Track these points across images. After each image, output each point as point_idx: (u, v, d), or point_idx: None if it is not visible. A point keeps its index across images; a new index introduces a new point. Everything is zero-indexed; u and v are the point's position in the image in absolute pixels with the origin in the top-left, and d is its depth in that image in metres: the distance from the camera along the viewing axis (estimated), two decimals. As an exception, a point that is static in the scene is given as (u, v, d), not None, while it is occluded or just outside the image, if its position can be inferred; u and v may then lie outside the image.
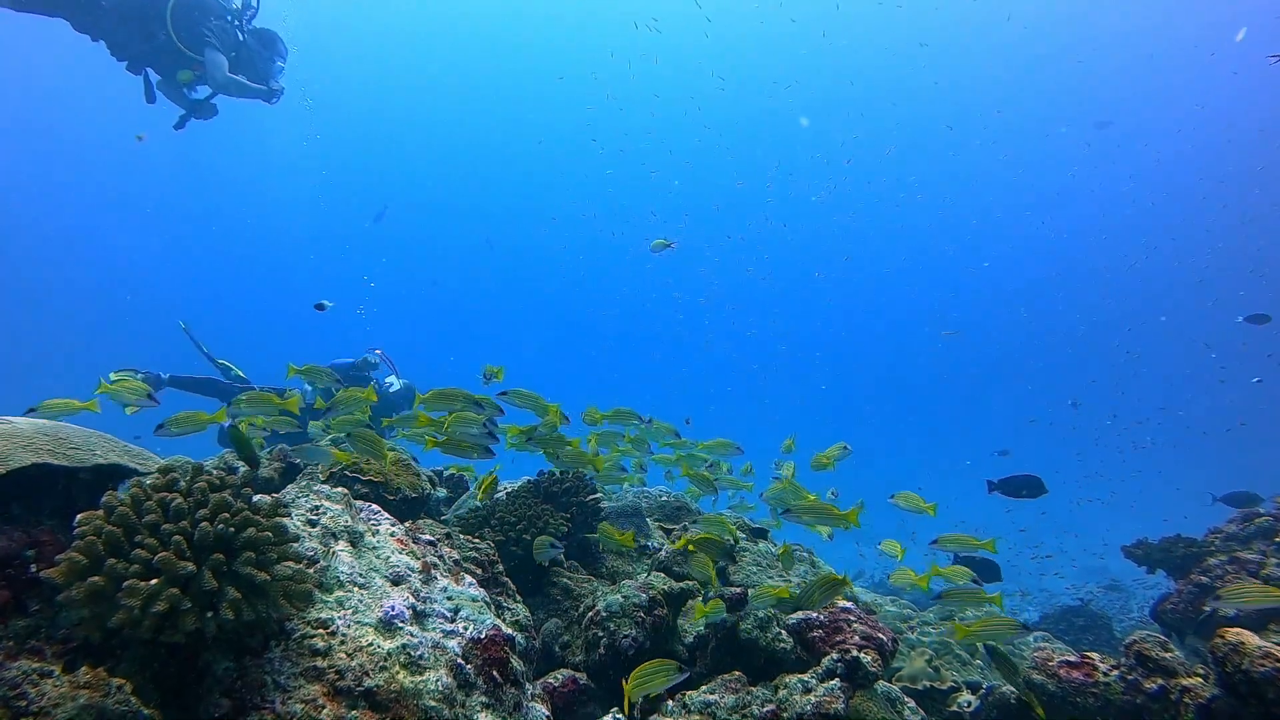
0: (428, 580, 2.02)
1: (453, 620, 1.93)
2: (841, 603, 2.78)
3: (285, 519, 1.76)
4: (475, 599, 2.06)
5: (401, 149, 38.92)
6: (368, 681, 1.61)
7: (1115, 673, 2.51)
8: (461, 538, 2.90)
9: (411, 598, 1.88)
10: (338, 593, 1.79)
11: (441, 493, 4.22)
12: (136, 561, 1.47)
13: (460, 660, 1.80)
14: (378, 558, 2.00)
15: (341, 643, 1.66)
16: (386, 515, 2.31)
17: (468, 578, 2.20)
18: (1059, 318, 34.46)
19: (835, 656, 2.39)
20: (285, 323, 40.92)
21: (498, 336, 47.36)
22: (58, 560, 1.47)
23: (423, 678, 1.68)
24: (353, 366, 6.42)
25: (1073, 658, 2.65)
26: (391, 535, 2.15)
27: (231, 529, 1.57)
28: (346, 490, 2.30)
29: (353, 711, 1.56)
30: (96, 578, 1.44)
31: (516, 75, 36.56)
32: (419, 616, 1.85)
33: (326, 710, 1.53)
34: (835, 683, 2.30)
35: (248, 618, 1.50)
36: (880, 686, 2.53)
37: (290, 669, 1.57)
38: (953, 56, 29.43)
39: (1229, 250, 27.26)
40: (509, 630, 2.03)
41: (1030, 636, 4.52)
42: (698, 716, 2.37)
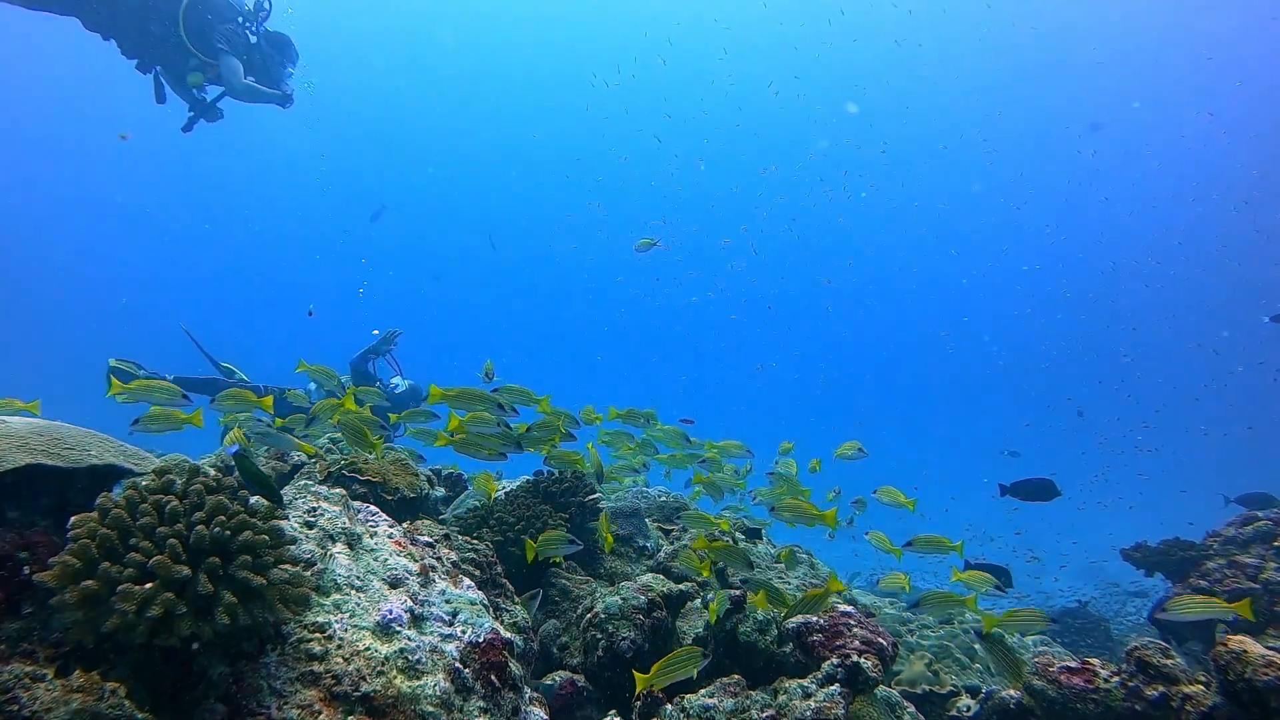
0: (426, 583, 2.00)
1: (451, 624, 1.91)
2: (842, 606, 2.77)
3: (282, 521, 1.74)
4: (473, 602, 2.04)
5: (402, 148, 38.86)
6: (365, 686, 1.59)
7: (1116, 679, 2.49)
8: (460, 539, 2.88)
9: (409, 601, 1.86)
10: (335, 596, 1.78)
11: (439, 492, 4.20)
12: (131, 565, 1.45)
13: (458, 665, 1.79)
14: (375, 560, 1.98)
15: (338, 647, 1.64)
16: (384, 517, 2.29)
17: (466, 580, 2.18)
18: (1062, 319, 34.47)
19: (835, 662, 2.37)
20: (287, 323, 40.83)
21: (502, 335, 47.30)
22: (51, 563, 1.45)
23: (420, 682, 1.67)
24: (364, 354, 6.34)
25: (1073, 663, 2.63)
26: (389, 537, 2.13)
27: (227, 532, 1.56)
28: (344, 491, 2.28)
29: (349, 717, 1.54)
30: (90, 581, 1.42)
31: (517, 74, 36.50)
32: (417, 620, 1.84)
33: (323, 716, 1.51)
34: (835, 688, 2.29)
35: (244, 622, 1.48)
36: (880, 691, 2.52)
37: (286, 674, 1.55)
38: (958, 59, 29.43)
39: (1237, 251, 27.26)
40: (507, 634, 2.01)
41: (1029, 640, 4.51)
42: (697, 721, 2.35)
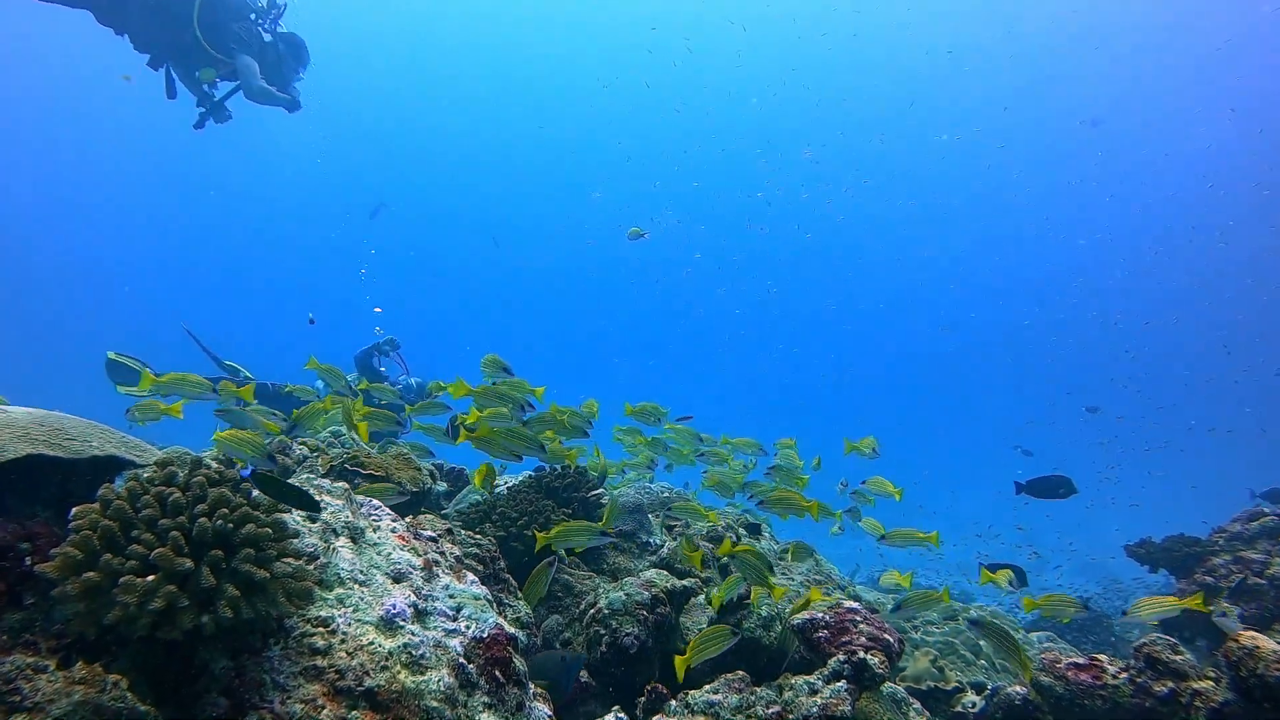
0: (429, 578, 1.99)
1: (455, 619, 1.90)
2: (847, 603, 2.75)
3: (285, 514, 1.72)
4: (478, 597, 2.03)
5: (406, 146, 38.83)
6: (368, 681, 1.57)
7: (1124, 675, 2.48)
8: (463, 533, 2.86)
9: (413, 595, 1.84)
10: (338, 590, 1.76)
11: (442, 486, 4.19)
12: (133, 557, 1.44)
13: (462, 660, 1.77)
14: (379, 554, 1.97)
15: (342, 641, 1.62)
16: (387, 510, 2.27)
17: (470, 575, 2.16)
18: (1070, 317, 34.35)
19: (842, 658, 2.36)
20: (289, 321, 40.74)
21: (506, 334, 47.21)
22: (53, 554, 1.44)
23: (424, 677, 1.65)
24: (370, 350, 6.38)
25: (1080, 659, 2.62)
26: (393, 531, 2.11)
27: (230, 525, 1.54)
28: (347, 485, 2.26)
29: (353, 712, 1.52)
30: (92, 573, 1.40)
31: (523, 71, 36.41)
32: (421, 615, 1.82)
33: (326, 710, 1.50)
34: (842, 684, 2.27)
35: (246, 615, 1.46)
36: (886, 688, 2.50)
37: (289, 668, 1.54)
38: (967, 53, 29.30)
39: (1248, 250, 27.15)
40: (512, 629, 1.99)
41: (1034, 636, 4.50)
42: (702, 716, 2.34)
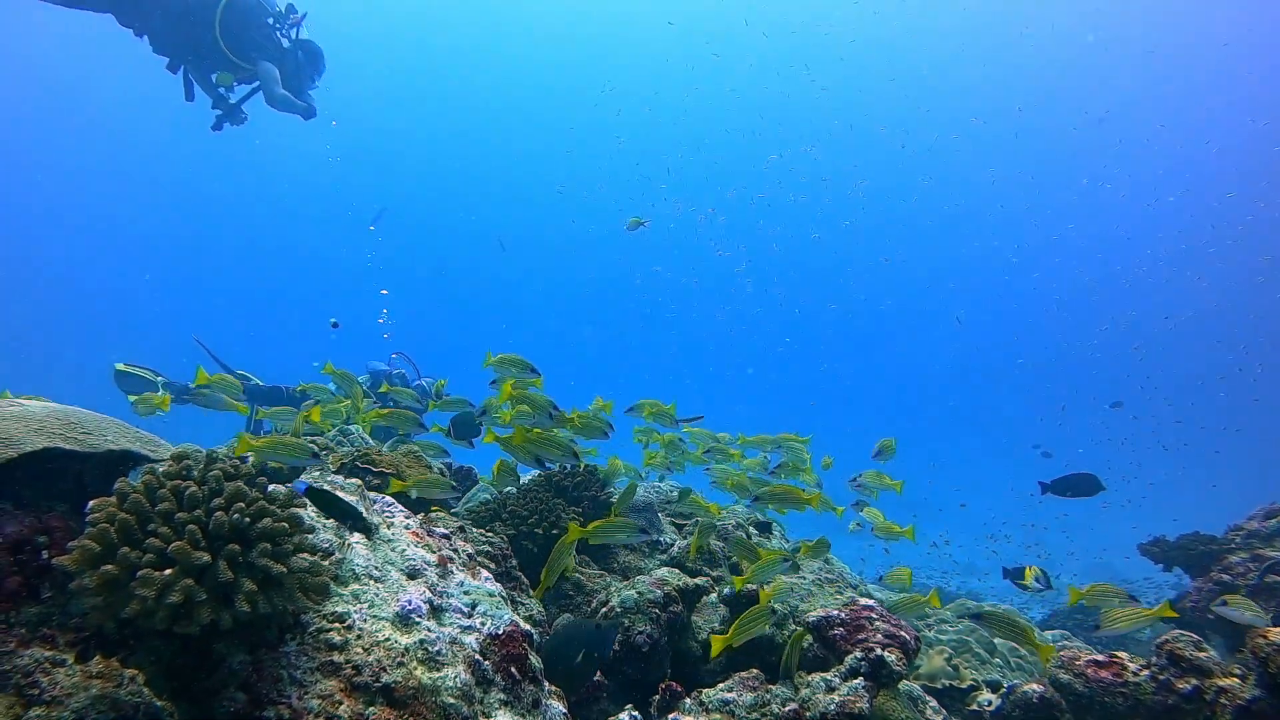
0: (444, 574, 1.98)
1: (470, 615, 1.88)
2: (863, 600, 2.73)
3: (300, 509, 1.71)
4: (492, 594, 2.02)
5: (411, 152, 38.88)
6: (385, 677, 1.56)
7: (1145, 672, 2.45)
8: (474, 531, 2.85)
9: (428, 592, 1.83)
10: (353, 586, 1.75)
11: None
12: (150, 550, 1.43)
13: (478, 656, 1.76)
14: (393, 551, 1.96)
15: (358, 637, 1.61)
16: (400, 507, 2.26)
17: (484, 572, 2.15)
18: (1082, 317, 34.14)
19: (859, 655, 2.34)
20: (297, 331, 40.83)
21: (512, 336, 47.16)
22: (70, 547, 1.43)
23: (441, 674, 1.64)
24: (377, 376, 6.41)
25: (1100, 656, 2.59)
26: (406, 528, 2.10)
27: (247, 519, 1.53)
28: (360, 481, 2.26)
29: (370, 708, 1.51)
30: (110, 566, 1.39)
31: (524, 74, 36.46)
32: (436, 611, 1.81)
33: (344, 706, 1.48)
34: (859, 681, 2.25)
35: (264, 610, 1.45)
36: (903, 686, 2.48)
37: (306, 663, 1.53)
38: (984, 54, 29.19)
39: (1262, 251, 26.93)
40: (526, 626, 1.98)
41: (1049, 634, 4.46)
42: (717, 715, 2.32)
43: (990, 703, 3.19)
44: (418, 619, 1.72)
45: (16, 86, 30.45)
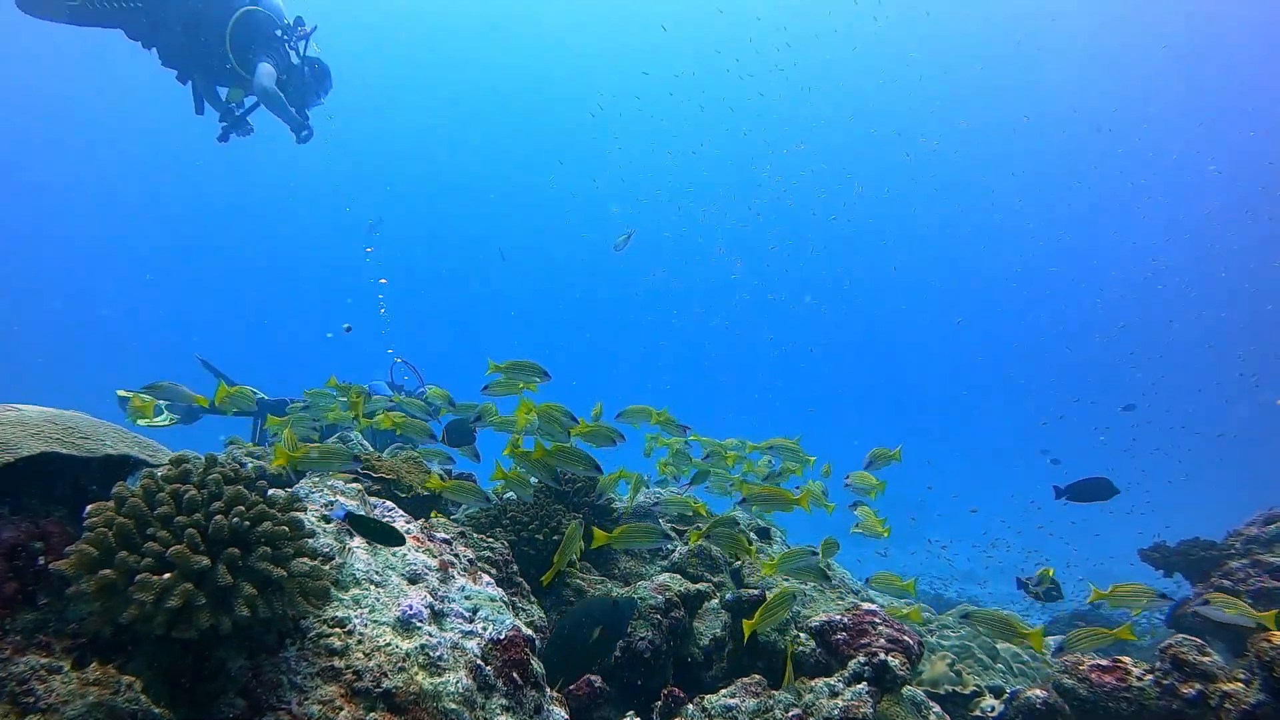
0: (445, 579, 1.96)
1: (471, 620, 1.87)
2: (866, 605, 2.71)
3: (301, 513, 1.70)
4: (494, 599, 2.00)
5: (411, 162, 38.89)
6: (386, 683, 1.55)
7: (1150, 677, 2.43)
8: (475, 536, 2.84)
9: (429, 597, 1.82)
10: (354, 590, 1.73)
11: (452, 491, 4.16)
12: (149, 555, 1.42)
13: (480, 661, 1.74)
14: (394, 555, 1.94)
15: (359, 642, 1.60)
16: (401, 512, 2.25)
17: (485, 576, 2.14)
18: (1085, 323, 34.06)
19: (862, 660, 2.32)
20: (296, 337, 40.64)
21: (514, 345, 46.97)
22: (68, 552, 1.42)
23: (442, 679, 1.62)
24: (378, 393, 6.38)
25: (1104, 661, 2.57)
26: (407, 533, 2.09)
27: (247, 522, 1.52)
28: (360, 486, 2.24)
29: (371, 713, 1.50)
30: (108, 570, 1.38)
31: (527, 82, 36.49)
32: (437, 616, 1.79)
33: (344, 712, 1.47)
34: (863, 686, 2.24)
35: (263, 614, 1.44)
36: (907, 691, 2.46)
37: (306, 669, 1.51)
38: (985, 56, 29.19)
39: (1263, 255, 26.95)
40: (528, 631, 1.96)
41: (1050, 640, 4.44)
42: (720, 720, 2.30)
43: (994, 708, 3.18)
44: (419, 624, 1.70)
45: (13, 92, 30.44)
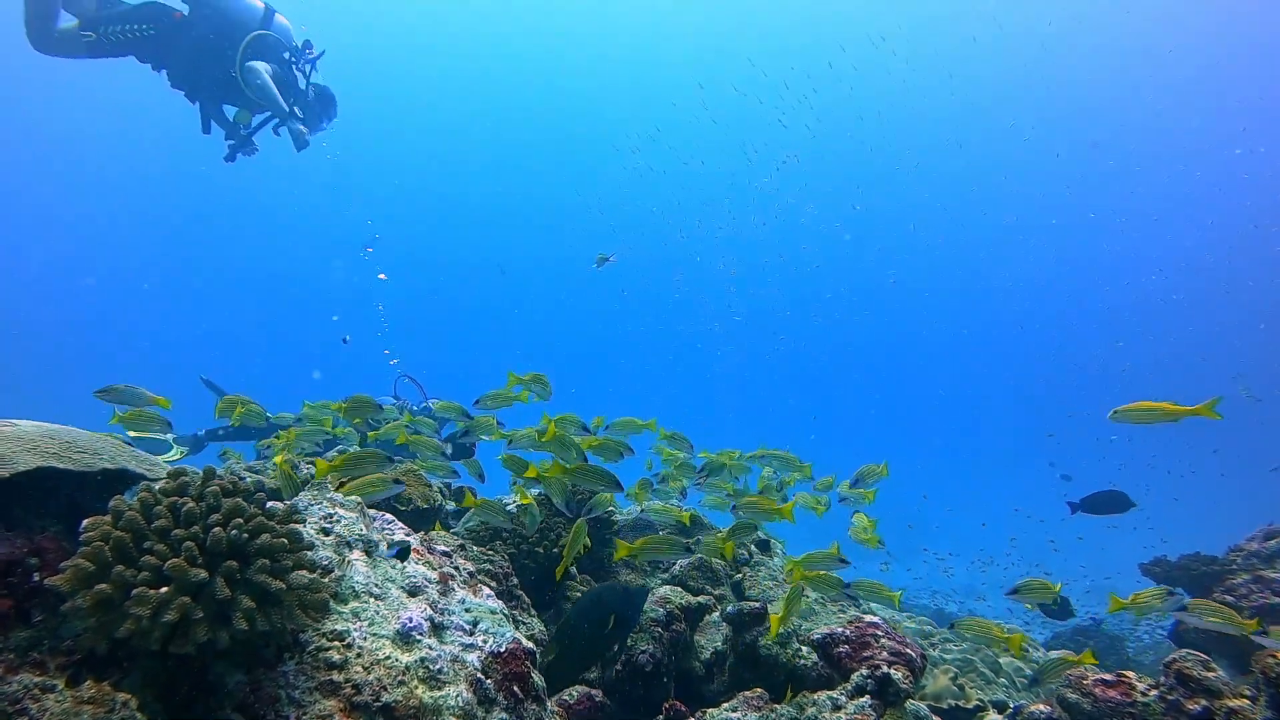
0: (445, 591, 1.94)
1: (472, 633, 1.85)
2: (868, 617, 2.69)
3: (300, 526, 1.69)
4: (494, 611, 1.98)
5: (412, 174, 38.90)
6: (386, 696, 1.53)
7: (1154, 692, 2.41)
8: (475, 549, 2.82)
9: (429, 609, 1.80)
10: (353, 604, 1.72)
11: (451, 505, 4.14)
12: (146, 568, 1.40)
13: (480, 675, 1.72)
14: (393, 568, 1.93)
15: (358, 656, 1.58)
16: (401, 525, 2.24)
17: (485, 589, 2.12)
18: (1078, 338, 33.98)
19: (865, 673, 2.30)
20: (299, 348, 40.41)
21: (516, 340, 46.54)
22: (63, 567, 1.40)
23: (442, 693, 1.60)
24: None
25: (1108, 676, 2.55)
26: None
27: (245, 535, 1.50)
28: (359, 498, 2.23)
29: (370, 728, 1.48)
30: (103, 585, 1.36)
31: (532, 93, 36.50)
32: (437, 629, 1.78)
33: (343, 727, 1.45)
34: (865, 700, 2.21)
35: (261, 628, 1.42)
36: (910, 705, 2.44)
37: (305, 683, 1.49)
38: (988, 60, 29.21)
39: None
40: (529, 644, 1.94)
41: (1053, 654, 4.40)
42: (722, 736, 2.28)
43: (997, 723, 3.15)
44: (419, 636, 1.68)
45: (12, 97, 30.38)
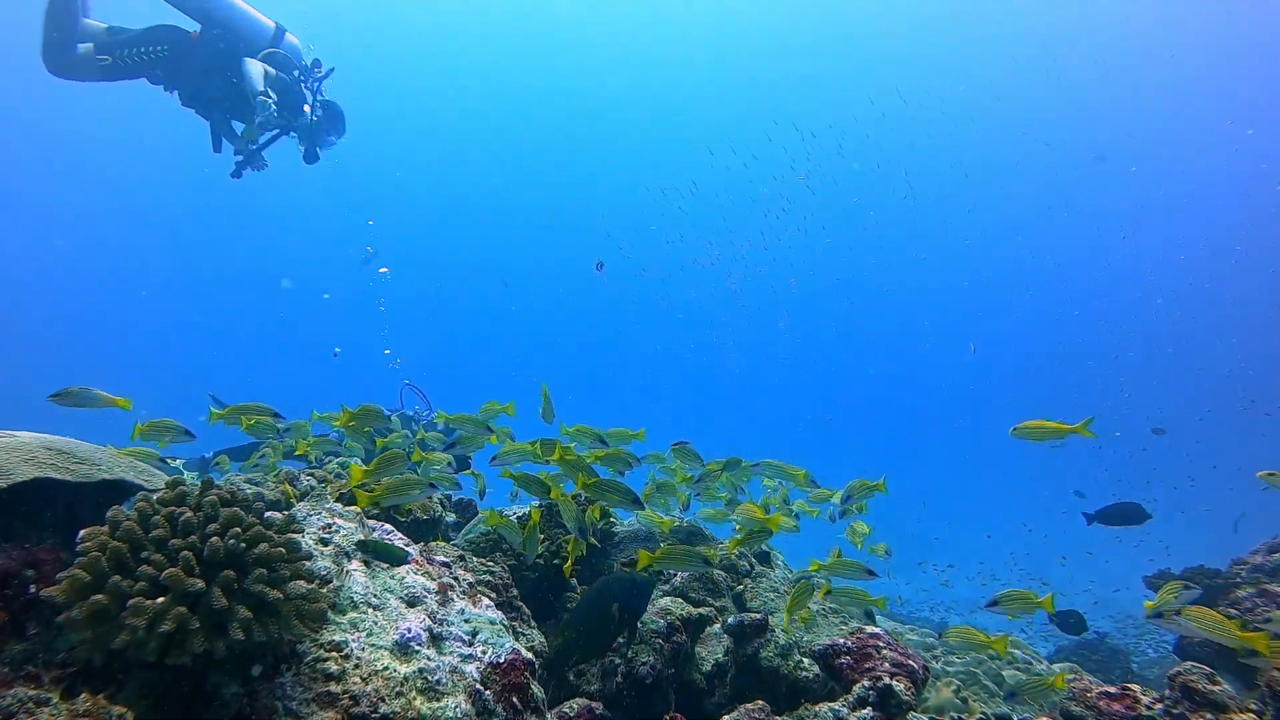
0: (444, 602, 1.93)
1: (471, 644, 1.83)
2: (869, 628, 2.67)
3: (298, 535, 1.68)
4: (493, 622, 1.97)
5: (414, 184, 38.80)
6: (383, 708, 1.51)
7: (1159, 706, 2.39)
8: (475, 560, 2.80)
9: (428, 620, 1.79)
10: (351, 614, 1.71)
11: (451, 517, 4.12)
12: (143, 579, 1.39)
13: (479, 686, 1.71)
14: (392, 578, 1.91)
15: (356, 666, 1.57)
16: (400, 535, 2.23)
17: (485, 599, 2.10)
18: (1083, 349, 33.77)
19: (867, 684, 2.28)
20: (299, 358, 40.22)
21: (516, 344, 46.24)
22: (59, 578, 1.39)
23: (440, 704, 1.59)
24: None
25: (1112, 689, 2.53)
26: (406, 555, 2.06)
27: (243, 544, 1.49)
28: (359, 509, 2.22)
29: (367, 740, 1.46)
30: (100, 596, 1.35)
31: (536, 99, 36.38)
32: (436, 640, 1.76)
33: (340, 739, 1.43)
34: (867, 712, 2.19)
35: (259, 638, 1.41)
36: (911, 717, 2.41)
37: (302, 694, 1.48)
38: (989, 62, 29.14)
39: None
40: (528, 655, 1.93)
41: (1057, 667, 4.37)
42: (723, 749, 2.25)
43: (1001, 736, 3.11)
44: (417, 647, 1.67)
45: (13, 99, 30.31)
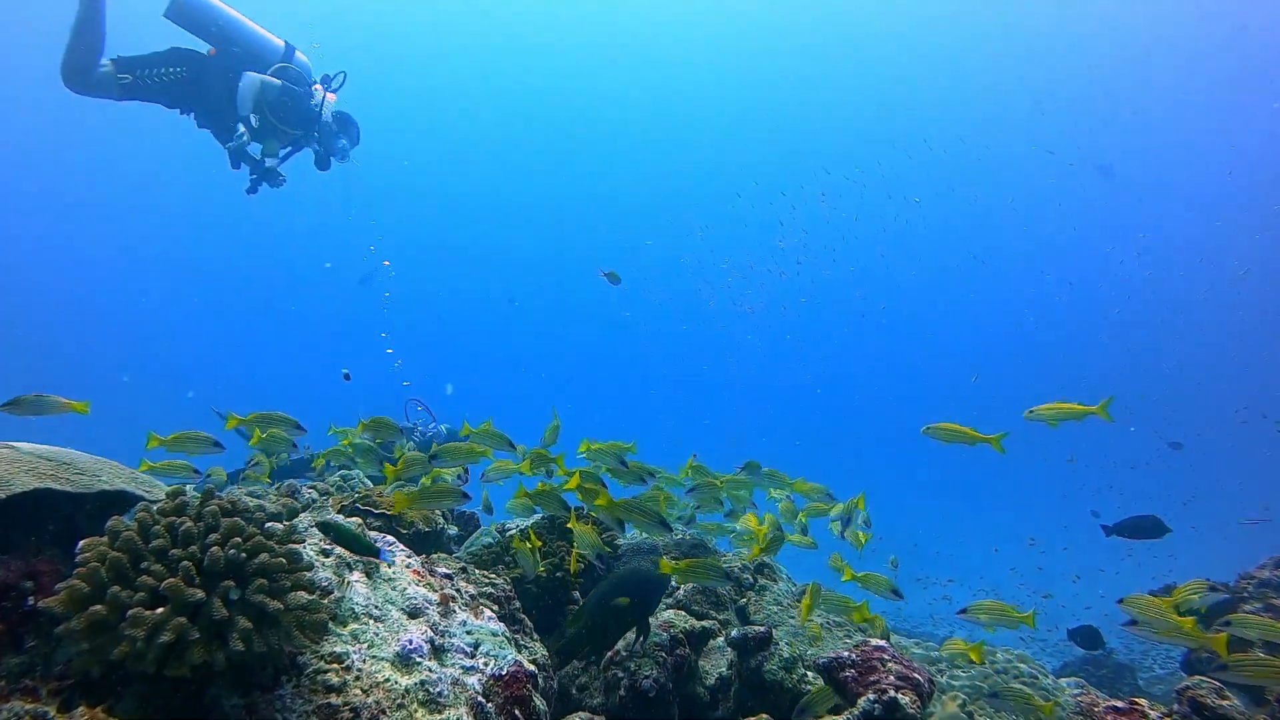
0: (446, 614, 1.91)
1: (473, 655, 1.82)
2: (874, 640, 2.65)
3: (299, 546, 1.67)
4: (496, 634, 1.95)
5: (421, 199, 38.80)
6: (384, 721, 1.50)
7: None
8: (477, 573, 2.78)
9: (430, 631, 1.77)
10: (352, 625, 1.69)
11: (453, 530, 4.10)
12: (142, 589, 1.38)
13: (481, 698, 1.69)
14: (394, 590, 1.90)
15: (356, 678, 1.55)
16: (402, 547, 2.21)
17: (487, 611, 2.09)
18: (1095, 358, 33.55)
19: (872, 698, 2.25)
20: (307, 373, 40.05)
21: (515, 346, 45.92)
22: (58, 588, 1.38)
23: (442, 716, 1.57)
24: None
25: (1120, 704, 2.49)
26: (408, 567, 2.05)
27: (243, 554, 1.48)
28: (361, 521, 2.21)
29: (368, 754, 1.44)
30: (98, 606, 1.34)
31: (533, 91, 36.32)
32: (438, 651, 1.75)
33: (340, 752, 1.42)
34: (874, 725, 2.16)
35: (259, 649, 1.39)
36: (919, 731, 2.38)
37: (302, 706, 1.46)
38: (990, 63, 29.10)
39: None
40: (531, 667, 1.91)
41: (1064, 682, 4.33)
42: (728, 763, 2.22)
43: (1009, 751, 3.08)
44: (419, 659, 1.65)
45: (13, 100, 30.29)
